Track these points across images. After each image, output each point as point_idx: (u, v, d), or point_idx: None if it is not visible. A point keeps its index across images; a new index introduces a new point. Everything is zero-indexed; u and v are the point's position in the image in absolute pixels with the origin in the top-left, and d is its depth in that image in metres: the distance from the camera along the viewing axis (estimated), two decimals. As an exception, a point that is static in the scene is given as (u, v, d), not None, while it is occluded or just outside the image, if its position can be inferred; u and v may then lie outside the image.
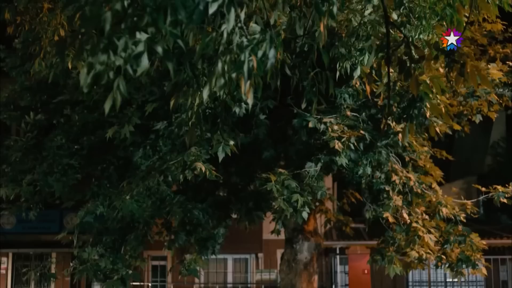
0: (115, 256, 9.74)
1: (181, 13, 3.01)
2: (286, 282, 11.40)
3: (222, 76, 3.31)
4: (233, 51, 3.33)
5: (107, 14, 3.04)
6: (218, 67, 3.25)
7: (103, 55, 3.18)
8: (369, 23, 5.28)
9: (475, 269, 10.21)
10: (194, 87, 4.35)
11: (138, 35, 3.11)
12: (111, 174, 10.21)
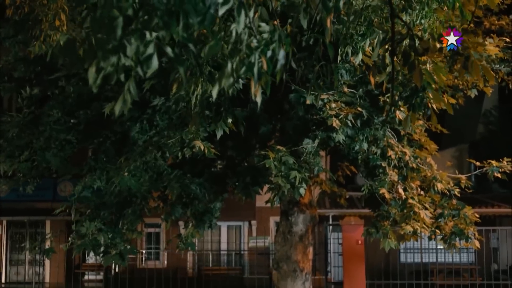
0: (113, 231, 9.80)
1: (193, 18, 3.01)
2: (282, 254, 11.53)
3: (231, 76, 3.32)
4: (242, 51, 3.34)
5: (119, 19, 3.04)
6: (227, 68, 3.26)
7: (113, 57, 3.19)
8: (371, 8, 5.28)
9: (468, 242, 10.36)
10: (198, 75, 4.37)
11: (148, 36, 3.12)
12: (108, 148, 10.22)
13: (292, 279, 11.47)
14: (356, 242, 13.37)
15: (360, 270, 13.33)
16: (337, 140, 8.80)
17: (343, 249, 13.60)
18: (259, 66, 3.27)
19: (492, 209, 19.83)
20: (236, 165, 10.29)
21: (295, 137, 9.38)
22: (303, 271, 11.49)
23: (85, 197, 9.82)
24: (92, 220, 9.76)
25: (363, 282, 13.34)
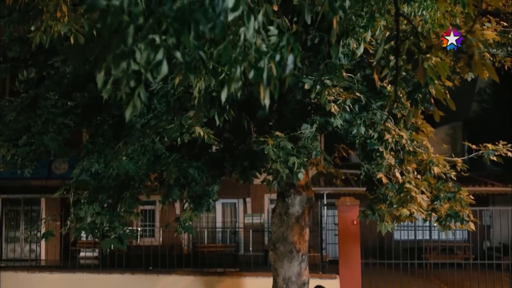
0: (111, 214, 9.84)
1: (204, 26, 3.03)
2: (278, 235, 11.62)
3: (240, 80, 3.35)
4: (251, 55, 3.35)
5: (130, 28, 3.05)
6: (237, 72, 3.28)
7: (123, 63, 3.21)
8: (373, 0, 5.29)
9: (463, 224, 10.46)
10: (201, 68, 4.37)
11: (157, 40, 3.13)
12: (106, 131, 10.22)
13: (289, 259, 11.57)
14: (351, 222, 13.46)
15: (356, 250, 13.45)
16: (335, 125, 8.84)
17: (339, 230, 13.70)
18: (268, 71, 3.29)
19: (486, 187, 20.00)
20: (234, 148, 10.32)
21: (293, 121, 9.41)
22: (299, 252, 11.59)
23: (83, 180, 9.84)
24: (91, 203, 9.79)
25: (358, 262, 13.48)
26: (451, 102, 4.65)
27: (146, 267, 14.25)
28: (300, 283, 11.62)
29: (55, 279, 14.09)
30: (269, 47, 3.32)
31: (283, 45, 3.33)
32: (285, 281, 11.58)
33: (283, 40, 3.37)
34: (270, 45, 3.32)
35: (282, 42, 3.35)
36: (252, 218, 21.33)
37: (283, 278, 11.59)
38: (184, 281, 13.84)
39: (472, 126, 22.81)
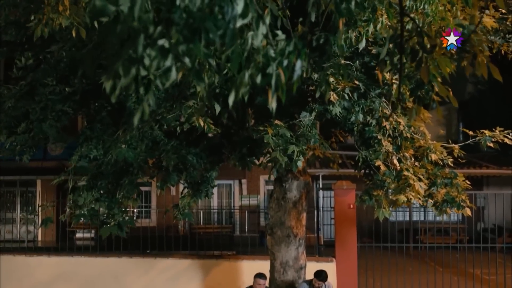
0: (110, 201, 9.87)
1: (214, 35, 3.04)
2: (276, 220, 11.69)
3: (248, 84, 3.37)
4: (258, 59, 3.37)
5: (141, 36, 3.07)
6: (245, 77, 3.30)
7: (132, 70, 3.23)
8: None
9: (459, 209, 10.55)
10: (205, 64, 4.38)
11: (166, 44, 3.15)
12: (104, 117, 10.22)
13: (286, 244, 11.67)
14: (348, 206, 13.54)
15: (352, 233, 13.54)
16: (334, 113, 8.87)
17: (335, 213, 13.78)
18: (276, 77, 3.31)
19: (481, 170, 20.12)
20: (232, 135, 10.34)
21: (291, 109, 9.43)
22: (296, 237, 11.68)
23: (82, 167, 9.85)
24: (90, 190, 9.81)
25: (354, 245, 13.58)
26: (453, 100, 4.69)
27: (143, 249, 14.30)
28: (297, 267, 11.73)
29: (53, 262, 14.16)
30: (276, 52, 3.33)
31: (290, 51, 3.35)
32: (283, 265, 11.67)
33: (290, 46, 3.38)
34: (278, 51, 3.34)
35: (289, 48, 3.37)
36: (248, 199, 21.42)
37: (281, 262, 11.69)
38: (181, 264, 13.94)
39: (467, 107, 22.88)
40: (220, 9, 3.15)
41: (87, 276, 14.01)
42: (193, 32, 3.07)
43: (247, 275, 13.25)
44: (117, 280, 13.88)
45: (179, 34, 3.08)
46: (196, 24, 3.06)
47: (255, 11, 3.21)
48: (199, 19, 3.08)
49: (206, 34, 3.08)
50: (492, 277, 14.67)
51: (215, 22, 3.09)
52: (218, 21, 3.10)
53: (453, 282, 14.25)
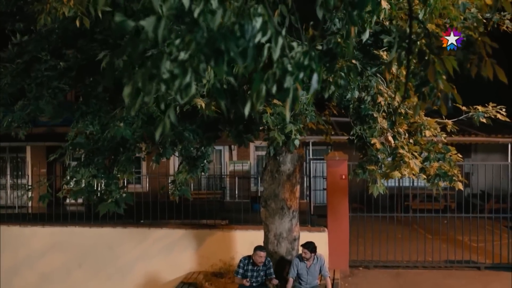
0: (107, 177, 9.94)
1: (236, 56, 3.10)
2: (269, 192, 11.83)
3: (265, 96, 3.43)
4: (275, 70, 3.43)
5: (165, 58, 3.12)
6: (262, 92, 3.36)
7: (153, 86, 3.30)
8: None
9: (451, 183, 10.72)
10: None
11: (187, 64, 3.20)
12: (99, 93, 10.21)
13: (280, 216, 11.82)
14: (340, 177, 13.68)
15: (344, 203, 13.70)
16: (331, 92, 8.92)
17: (327, 184, 13.92)
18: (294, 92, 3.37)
19: (470, 137, 20.31)
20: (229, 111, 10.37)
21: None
22: (290, 209, 11.84)
23: (78, 143, 9.89)
24: (87, 166, 9.86)
25: (346, 215, 13.76)
26: (458, 97, 4.78)
27: (137, 219, 14.42)
28: (291, 238, 11.91)
29: (47, 232, 14.28)
30: (293, 66, 3.39)
31: (307, 65, 3.40)
32: (276, 237, 11.85)
33: (306, 59, 3.44)
34: (295, 64, 3.39)
35: (306, 61, 3.42)
36: (240, 165, 21.52)
37: (274, 234, 11.86)
38: (175, 234, 14.09)
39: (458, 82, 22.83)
40: (240, 27, 3.20)
41: (81, 246, 14.15)
42: (215, 52, 3.12)
43: (240, 244, 13.45)
44: (111, 250, 14.04)
45: (200, 53, 3.14)
46: (218, 44, 3.11)
47: (273, 27, 3.25)
48: (220, 38, 3.12)
49: (228, 54, 3.13)
50: (480, 245, 14.98)
51: (236, 41, 3.14)
52: (239, 40, 3.15)
53: (442, 250, 14.54)
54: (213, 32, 3.13)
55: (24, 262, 14.15)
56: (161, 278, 13.87)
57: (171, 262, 13.85)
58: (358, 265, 14.11)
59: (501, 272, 13.51)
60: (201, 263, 13.77)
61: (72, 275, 14.08)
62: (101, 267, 14.09)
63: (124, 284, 13.95)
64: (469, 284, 12.65)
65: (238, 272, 10.99)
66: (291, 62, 3.41)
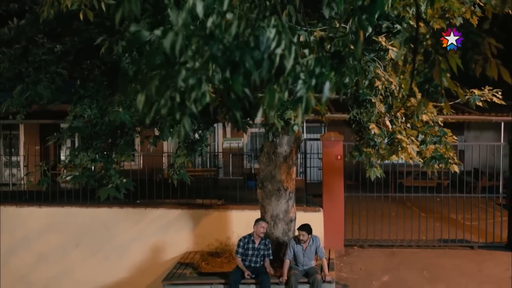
0: (106, 161, 9.97)
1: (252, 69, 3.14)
2: (266, 173, 11.91)
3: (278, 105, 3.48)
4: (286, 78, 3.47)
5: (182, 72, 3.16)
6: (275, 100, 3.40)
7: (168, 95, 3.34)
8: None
9: (447, 165, 10.82)
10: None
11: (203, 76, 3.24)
12: (97, 76, 10.20)
13: (277, 197, 11.92)
14: (335, 157, 13.76)
15: (339, 183, 13.80)
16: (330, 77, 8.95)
17: (323, 164, 14.00)
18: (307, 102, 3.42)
19: (463, 116, 20.41)
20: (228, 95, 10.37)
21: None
22: (287, 190, 11.94)
23: (77, 127, 9.90)
24: (85, 150, 9.88)
25: (341, 195, 13.87)
26: (462, 95, 4.83)
27: (133, 199, 14.46)
28: (287, 219, 12.02)
29: (44, 213, 14.32)
30: (305, 74, 3.43)
31: (320, 73, 3.45)
32: (273, 218, 11.96)
33: (318, 66, 3.48)
34: (307, 72, 3.44)
35: (318, 69, 3.47)
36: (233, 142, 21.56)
37: (271, 215, 11.96)
38: (171, 214, 14.17)
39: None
40: (255, 39, 3.23)
41: (78, 226, 14.22)
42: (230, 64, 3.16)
43: (236, 224, 13.56)
44: (108, 230, 14.11)
45: (216, 65, 3.17)
46: (233, 56, 3.15)
47: (288, 38, 3.29)
48: (236, 50, 3.16)
49: (243, 66, 3.17)
50: (474, 223, 15.15)
51: (251, 53, 3.18)
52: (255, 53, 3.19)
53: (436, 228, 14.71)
54: (229, 44, 3.17)
55: (22, 242, 14.21)
56: (158, 257, 13.98)
57: (168, 242, 13.95)
58: (353, 244, 14.25)
59: (494, 251, 13.71)
60: (198, 242, 13.87)
61: (69, 255, 14.17)
62: (98, 247, 14.18)
63: (121, 264, 14.06)
64: (463, 264, 12.83)
65: (238, 252, 11.14)
66: (303, 70, 3.45)
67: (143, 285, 13.95)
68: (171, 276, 11.59)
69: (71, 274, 14.15)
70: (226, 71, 3.22)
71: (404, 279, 12.09)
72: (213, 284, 11.19)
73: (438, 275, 12.19)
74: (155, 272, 13.76)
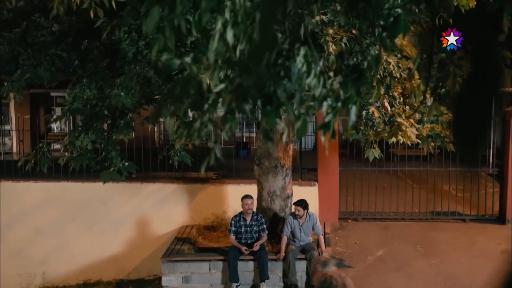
0: (107, 143, 10.00)
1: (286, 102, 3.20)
2: (263, 150, 12.01)
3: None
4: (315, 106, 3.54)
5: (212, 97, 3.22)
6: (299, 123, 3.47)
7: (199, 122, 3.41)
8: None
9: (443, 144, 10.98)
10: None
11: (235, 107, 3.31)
12: (95, 56, 10.19)
13: (274, 174, 12.05)
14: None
15: (334, 158, 13.91)
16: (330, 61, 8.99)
17: (318, 139, 14.10)
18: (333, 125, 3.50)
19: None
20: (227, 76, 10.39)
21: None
22: (284, 167, 12.06)
23: (77, 108, 9.91)
24: (86, 132, 9.90)
25: (336, 170, 14.00)
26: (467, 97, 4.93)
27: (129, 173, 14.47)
28: (284, 196, 12.17)
29: (40, 188, 14.36)
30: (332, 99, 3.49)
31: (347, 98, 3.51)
32: (270, 194, 12.10)
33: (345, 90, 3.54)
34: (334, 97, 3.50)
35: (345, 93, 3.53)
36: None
37: (268, 191, 12.11)
38: (167, 188, 14.26)
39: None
40: (287, 70, 3.29)
41: (74, 200, 14.28)
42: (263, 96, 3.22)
43: (232, 199, 13.67)
44: (104, 205, 14.19)
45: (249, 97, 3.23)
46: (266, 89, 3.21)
47: (317, 67, 3.35)
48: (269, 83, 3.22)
49: (277, 99, 3.23)
50: (466, 194, 15.33)
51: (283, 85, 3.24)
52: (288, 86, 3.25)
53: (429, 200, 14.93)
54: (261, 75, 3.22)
55: (18, 217, 14.28)
56: (155, 231, 14.11)
57: (164, 216, 14.07)
58: (347, 217, 14.43)
59: (486, 224, 13.95)
60: (194, 216, 14.00)
61: (66, 230, 14.26)
62: (94, 221, 14.27)
63: (118, 238, 14.19)
64: (456, 238, 13.06)
65: (231, 231, 11.28)
66: (330, 95, 3.51)
67: (140, 258, 14.12)
68: (169, 252, 11.71)
69: (68, 248, 14.27)
70: (258, 101, 3.28)
71: (399, 253, 12.31)
72: (212, 260, 11.34)
73: (431, 249, 12.43)
74: (151, 246, 13.92)
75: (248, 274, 11.21)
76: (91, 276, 14.38)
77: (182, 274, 11.26)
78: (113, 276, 14.35)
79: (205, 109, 3.31)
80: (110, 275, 14.35)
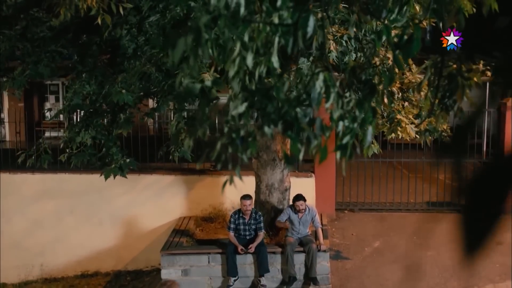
0: (107, 138, 10.02)
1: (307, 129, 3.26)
2: (262, 144, 12.04)
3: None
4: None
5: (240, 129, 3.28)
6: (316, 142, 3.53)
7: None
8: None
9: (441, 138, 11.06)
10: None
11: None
12: (94, 51, 10.18)
13: (272, 167, 12.12)
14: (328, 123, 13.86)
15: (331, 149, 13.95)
16: (331, 58, 9.04)
17: (315, 130, 14.15)
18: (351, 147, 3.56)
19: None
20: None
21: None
22: (282, 160, 12.12)
23: (77, 104, 9.91)
24: (86, 128, 9.91)
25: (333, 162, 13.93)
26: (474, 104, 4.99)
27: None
28: (282, 189, 12.25)
29: (37, 179, 14.37)
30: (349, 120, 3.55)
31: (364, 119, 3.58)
32: (268, 187, 12.18)
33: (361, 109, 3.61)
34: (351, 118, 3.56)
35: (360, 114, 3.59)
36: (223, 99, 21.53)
37: (266, 184, 12.18)
38: (165, 180, 14.31)
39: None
40: (307, 96, 3.35)
41: (72, 192, 14.30)
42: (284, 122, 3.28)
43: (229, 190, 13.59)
44: (102, 196, 14.20)
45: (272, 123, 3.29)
46: (287, 115, 3.26)
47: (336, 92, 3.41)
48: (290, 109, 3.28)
49: (298, 124, 3.29)
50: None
51: (305, 112, 3.30)
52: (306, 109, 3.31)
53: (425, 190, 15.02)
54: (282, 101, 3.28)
55: (16, 209, 14.30)
56: (152, 223, 14.16)
57: (162, 207, 14.12)
58: (343, 208, 14.53)
59: (481, 215, 14.05)
60: (191, 208, 14.07)
61: (64, 221, 14.30)
62: (92, 213, 14.31)
63: (116, 229, 14.25)
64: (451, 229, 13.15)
65: (230, 228, 11.33)
66: (347, 117, 3.57)
67: (137, 249, 14.19)
68: (168, 245, 11.78)
69: (65, 240, 14.31)
70: (278, 125, 3.33)
71: (395, 245, 12.44)
72: (211, 253, 11.41)
73: (427, 240, 12.54)
74: (149, 237, 13.99)
75: (247, 267, 11.29)
76: (89, 267, 14.45)
77: (181, 267, 11.34)
78: (111, 267, 14.43)
79: (226, 132, 3.35)
80: (108, 266, 14.42)
